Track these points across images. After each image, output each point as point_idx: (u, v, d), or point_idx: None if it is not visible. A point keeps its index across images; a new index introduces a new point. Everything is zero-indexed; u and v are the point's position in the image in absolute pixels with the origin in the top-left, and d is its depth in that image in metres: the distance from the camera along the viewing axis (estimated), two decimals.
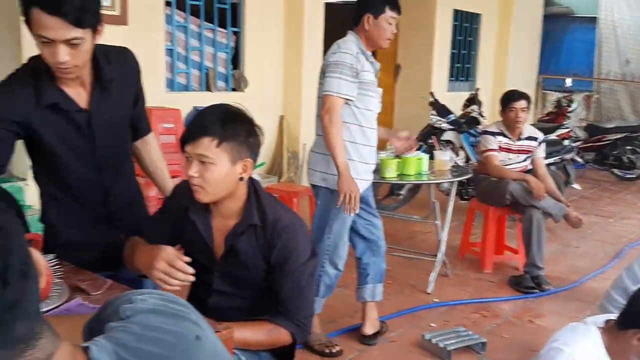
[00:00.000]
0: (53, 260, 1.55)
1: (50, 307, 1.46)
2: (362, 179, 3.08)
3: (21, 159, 2.15)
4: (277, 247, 1.81)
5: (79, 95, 1.88)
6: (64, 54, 1.69)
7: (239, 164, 1.76)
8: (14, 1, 1.69)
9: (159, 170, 2.25)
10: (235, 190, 1.80)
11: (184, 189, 1.88)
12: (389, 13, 2.96)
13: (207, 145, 1.72)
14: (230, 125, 1.74)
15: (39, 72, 1.81)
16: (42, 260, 0.73)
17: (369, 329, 3.36)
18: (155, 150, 2.25)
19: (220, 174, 1.74)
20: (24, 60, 1.89)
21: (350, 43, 2.99)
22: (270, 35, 6.52)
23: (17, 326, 0.67)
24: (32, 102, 1.80)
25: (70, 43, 1.68)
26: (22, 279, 0.67)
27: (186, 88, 5.95)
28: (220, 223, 1.87)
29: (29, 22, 1.69)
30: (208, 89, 6.11)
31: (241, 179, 1.78)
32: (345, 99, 2.93)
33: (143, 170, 2.26)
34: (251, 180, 1.85)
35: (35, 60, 1.83)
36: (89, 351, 0.74)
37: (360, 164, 3.06)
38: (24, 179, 4.49)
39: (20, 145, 1.89)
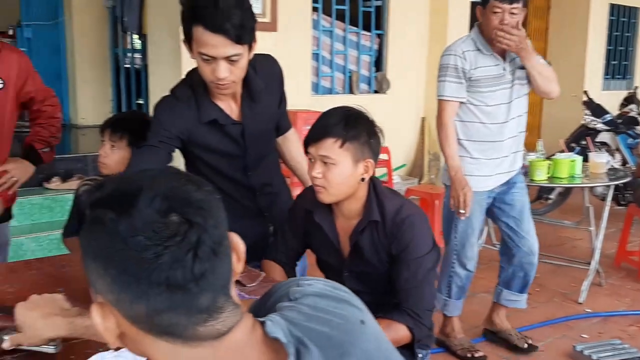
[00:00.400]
0: None
1: None
2: (489, 175, 3.00)
3: (178, 160, 2.30)
4: (396, 238, 1.81)
5: (231, 108, 1.98)
6: (224, 71, 1.77)
7: (361, 165, 1.78)
8: (176, 10, 1.80)
9: (299, 165, 2.32)
10: (356, 191, 1.82)
11: (308, 194, 1.93)
12: (492, 2, 2.81)
13: (330, 146, 1.75)
14: (353, 126, 1.76)
15: (197, 88, 1.92)
16: (241, 247, 0.80)
17: (485, 323, 3.35)
18: (296, 146, 2.32)
19: (342, 174, 1.76)
20: (184, 65, 2.02)
21: (457, 43, 2.96)
22: (414, 37, 6.49)
23: (201, 297, 0.73)
24: (195, 119, 1.92)
25: (230, 60, 1.76)
26: (212, 256, 0.74)
27: (330, 91, 6.08)
28: (344, 223, 1.90)
29: (189, 41, 1.78)
30: (351, 91, 6.20)
31: (362, 179, 1.80)
32: (452, 101, 2.92)
33: (285, 165, 2.34)
34: (371, 179, 1.86)
35: (193, 75, 1.93)
36: (265, 325, 0.79)
37: (485, 161, 2.98)
38: None
39: None
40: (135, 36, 6.28)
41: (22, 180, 2.50)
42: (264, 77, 2.03)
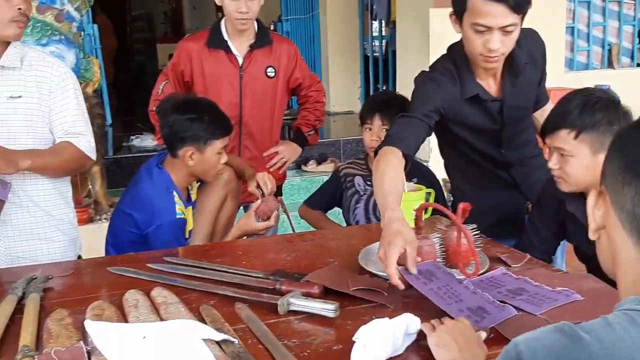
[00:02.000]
0: (474, 230, 1.63)
1: (481, 272, 1.56)
2: None
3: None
4: None
5: (489, 84, 1.95)
6: (497, 42, 1.74)
7: (602, 155, 1.61)
8: None
9: None
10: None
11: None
12: None
13: (564, 138, 1.65)
14: (589, 114, 1.62)
15: (459, 64, 1.91)
16: None
17: None
18: None
19: (580, 166, 1.65)
20: (432, 50, 2.00)
21: None
22: None
23: None
24: (457, 94, 1.91)
25: (504, 30, 1.73)
26: None
27: (586, 67, 5.66)
28: None
29: (460, 12, 1.77)
30: (610, 66, 5.70)
31: None
32: None
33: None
34: None
35: (454, 51, 1.93)
36: None
37: None
38: (426, 161, 4.86)
39: None
40: (382, 24, 6.46)
41: (291, 160, 2.74)
42: (528, 52, 1.96)
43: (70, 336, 1.24)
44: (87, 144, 2.02)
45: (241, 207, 2.71)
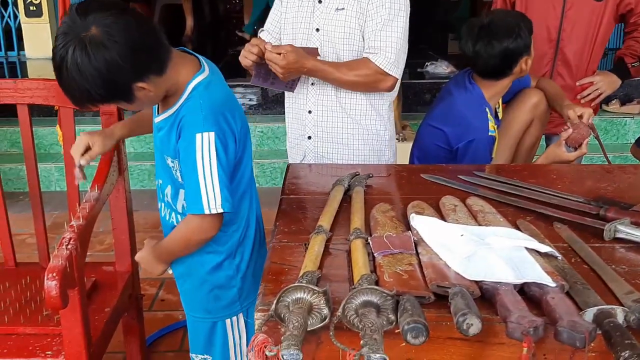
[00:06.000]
0: None
1: None
2: None
3: None
4: None
5: None
6: None
7: None
8: None
9: None
10: None
11: None
12: None
13: None
14: None
15: None
16: None
17: None
18: None
19: None
20: None
21: None
22: None
23: None
24: None
25: None
26: None
27: None
28: None
29: None
30: None
31: None
32: None
33: None
34: None
35: None
36: None
37: None
38: None
39: None
40: None
41: (607, 93, 2.53)
42: None
43: (396, 226, 1.32)
44: (384, 59, 1.97)
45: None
